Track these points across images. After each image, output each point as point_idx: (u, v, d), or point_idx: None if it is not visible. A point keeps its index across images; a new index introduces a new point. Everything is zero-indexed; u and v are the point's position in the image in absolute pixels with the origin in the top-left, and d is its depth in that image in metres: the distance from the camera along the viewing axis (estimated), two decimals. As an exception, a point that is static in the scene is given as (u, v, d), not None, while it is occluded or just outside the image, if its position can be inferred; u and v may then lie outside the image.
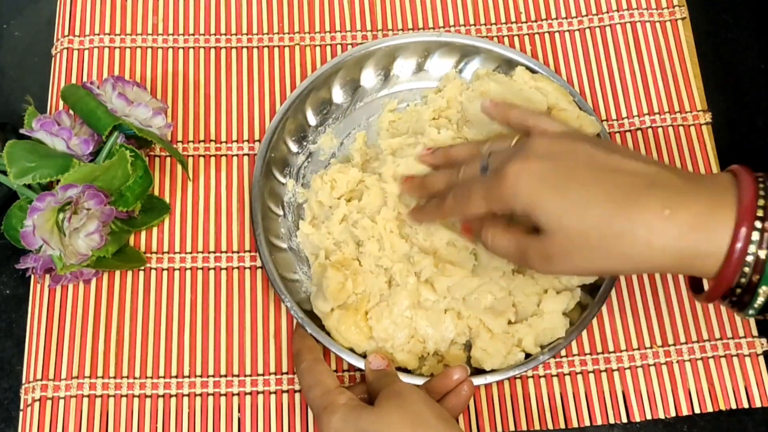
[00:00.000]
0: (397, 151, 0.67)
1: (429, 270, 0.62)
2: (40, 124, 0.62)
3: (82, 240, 0.60)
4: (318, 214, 0.67)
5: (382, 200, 0.65)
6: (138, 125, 0.63)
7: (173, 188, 0.69)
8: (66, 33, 0.74)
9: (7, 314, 0.66)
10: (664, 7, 0.76)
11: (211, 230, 0.68)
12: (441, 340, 0.62)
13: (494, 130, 0.65)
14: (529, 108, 0.63)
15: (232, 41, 0.74)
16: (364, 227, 0.63)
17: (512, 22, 0.76)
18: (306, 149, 0.71)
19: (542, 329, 0.62)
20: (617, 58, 0.74)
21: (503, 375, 0.61)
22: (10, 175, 0.59)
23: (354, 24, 0.75)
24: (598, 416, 0.63)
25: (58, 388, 0.62)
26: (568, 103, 0.67)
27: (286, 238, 0.67)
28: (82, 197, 0.59)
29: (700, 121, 0.72)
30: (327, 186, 0.66)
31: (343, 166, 0.67)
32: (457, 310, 0.62)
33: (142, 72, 0.73)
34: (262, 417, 0.62)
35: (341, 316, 0.62)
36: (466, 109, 0.68)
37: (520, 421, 0.63)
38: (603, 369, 0.64)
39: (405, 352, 0.62)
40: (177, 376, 0.63)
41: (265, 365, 0.64)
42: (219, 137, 0.71)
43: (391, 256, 0.63)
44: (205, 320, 0.65)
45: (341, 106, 0.72)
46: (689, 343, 0.65)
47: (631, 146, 0.71)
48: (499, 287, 0.63)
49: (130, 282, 0.66)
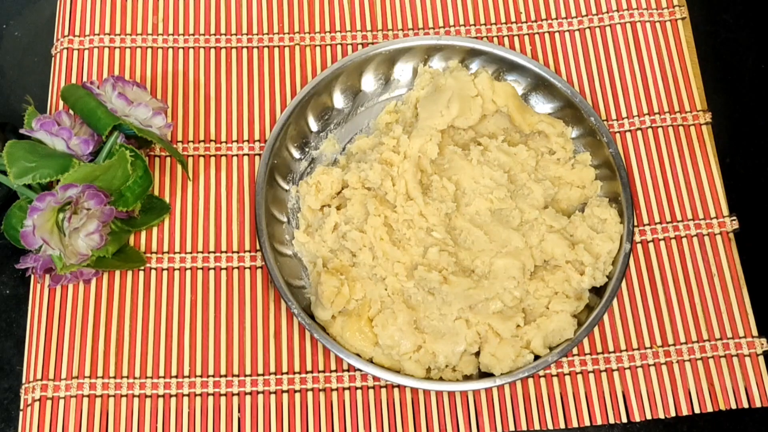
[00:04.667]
0: (360, 154, 0.68)
1: (435, 282, 0.62)
2: (40, 124, 0.62)
3: (82, 240, 0.60)
4: (312, 221, 0.67)
5: (365, 209, 0.65)
6: (138, 125, 0.63)
7: (173, 188, 0.69)
8: (66, 33, 0.74)
9: (7, 314, 0.66)
10: (664, 7, 0.76)
11: (211, 230, 0.68)
12: (452, 354, 0.62)
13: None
14: None
15: (232, 41, 0.74)
16: (353, 239, 0.64)
17: (512, 22, 0.76)
18: (308, 155, 0.71)
19: (551, 330, 0.62)
20: (617, 58, 0.74)
21: (512, 377, 0.61)
22: (10, 175, 0.59)
23: (354, 24, 0.75)
24: (598, 416, 0.63)
25: (58, 388, 0.62)
26: (517, 109, 0.69)
27: (290, 245, 0.67)
28: (82, 197, 0.59)
29: (700, 121, 0.72)
30: (312, 189, 0.66)
31: (327, 168, 0.67)
32: (465, 317, 0.62)
33: (142, 72, 0.73)
34: (262, 417, 0.62)
35: (345, 322, 0.62)
36: (420, 101, 0.69)
37: (520, 421, 0.63)
38: (603, 369, 0.64)
39: (413, 362, 0.62)
40: (177, 376, 0.63)
41: (265, 365, 0.64)
42: (219, 137, 0.71)
43: (385, 264, 0.63)
44: (205, 320, 0.65)
45: (342, 111, 0.72)
46: (689, 343, 0.65)
47: (631, 146, 0.71)
48: (512, 297, 0.63)
49: (130, 282, 0.66)
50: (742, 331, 0.65)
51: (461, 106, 0.68)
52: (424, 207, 0.64)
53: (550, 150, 0.69)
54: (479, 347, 0.62)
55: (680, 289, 0.67)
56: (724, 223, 0.69)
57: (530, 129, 0.70)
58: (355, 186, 0.66)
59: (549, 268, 0.65)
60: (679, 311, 0.66)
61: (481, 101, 0.68)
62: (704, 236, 0.68)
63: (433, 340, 0.62)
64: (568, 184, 0.68)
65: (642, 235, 0.68)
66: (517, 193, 0.67)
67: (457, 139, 0.69)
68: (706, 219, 0.69)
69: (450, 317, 0.62)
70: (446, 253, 0.64)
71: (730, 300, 0.66)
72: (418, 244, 0.64)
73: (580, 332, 0.62)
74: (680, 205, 0.69)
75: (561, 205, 0.68)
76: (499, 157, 0.67)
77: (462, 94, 0.68)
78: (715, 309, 0.66)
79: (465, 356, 0.63)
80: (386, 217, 0.64)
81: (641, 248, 0.68)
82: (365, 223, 0.64)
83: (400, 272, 0.63)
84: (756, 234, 0.69)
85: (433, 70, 0.71)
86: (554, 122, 0.70)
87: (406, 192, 0.65)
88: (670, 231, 0.68)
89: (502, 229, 0.65)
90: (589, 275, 0.64)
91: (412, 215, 0.64)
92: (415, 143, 0.66)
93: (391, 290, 0.63)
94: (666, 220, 0.69)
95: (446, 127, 0.68)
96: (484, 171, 0.66)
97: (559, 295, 0.63)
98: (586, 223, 0.66)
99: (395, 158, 0.66)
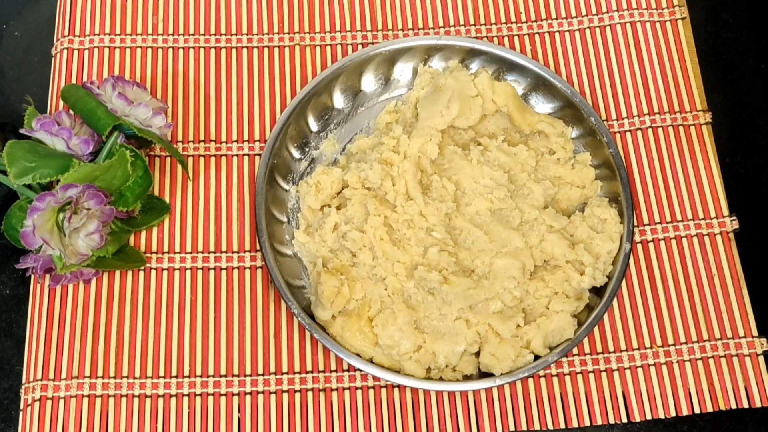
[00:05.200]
0: (360, 154, 0.68)
1: (435, 282, 0.62)
2: (40, 124, 0.62)
3: (82, 240, 0.60)
4: (312, 221, 0.67)
5: (365, 208, 0.65)
6: (138, 125, 0.63)
7: (173, 188, 0.69)
8: (66, 33, 0.74)
9: (7, 314, 0.66)
10: (664, 7, 0.76)
11: (211, 230, 0.68)
12: (452, 354, 0.62)
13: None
14: None
15: (232, 41, 0.74)
16: (353, 239, 0.64)
17: (512, 22, 0.76)
18: (308, 155, 0.71)
19: (551, 330, 0.62)
20: (617, 58, 0.74)
21: (512, 377, 0.61)
22: (10, 175, 0.59)
23: (354, 24, 0.75)
24: (598, 416, 0.63)
25: (58, 388, 0.62)
26: (517, 109, 0.69)
27: (290, 245, 0.67)
28: (82, 197, 0.59)
29: (700, 121, 0.72)
30: (312, 189, 0.66)
31: (327, 168, 0.67)
32: (465, 318, 0.62)
33: (142, 72, 0.73)
34: (262, 417, 0.62)
35: (345, 322, 0.62)
36: (420, 101, 0.69)
37: (520, 421, 0.63)
38: (603, 369, 0.64)
39: (413, 362, 0.62)
40: (177, 376, 0.63)
41: (265, 365, 0.64)
42: (219, 137, 0.71)
43: (385, 264, 0.63)
44: (205, 320, 0.65)
45: (342, 111, 0.72)
46: (689, 343, 0.65)
47: (631, 146, 0.71)
48: (512, 297, 0.63)
49: (130, 282, 0.66)
50: (742, 331, 0.65)
51: (461, 106, 0.68)
52: (424, 207, 0.64)
53: (550, 150, 0.69)
54: (479, 347, 0.62)
55: (680, 289, 0.67)
56: (724, 223, 0.69)
57: (530, 129, 0.70)
58: (355, 186, 0.66)
59: (549, 268, 0.65)
60: (679, 311, 0.66)
61: (481, 101, 0.68)
62: (704, 236, 0.68)
63: (433, 340, 0.62)
64: (568, 184, 0.68)
65: (642, 235, 0.68)
66: (517, 193, 0.67)
67: (457, 139, 0.69)
68: (706, 219, 0.69)
69: (450, 317, 0.62)
70: (446, 253, 0.64)
71: (730, 300, 0.66)
72: (418, 244, 0.64)
73: (580, 332, 0.62)
74: (680, 205, 0.69)
75: (561, 205, 0.68)
76: (499, 157, 0.67)
77: (462, 94, 0.68)
78: (715, 309, 0.66)
79: (465, 356, 0.63)
80: (386, 217, 0.64)
81: (641, 248, 0.68)
82: (365, 223, 0.64)
83: (400, 272, 0.63)
84: (756, 234, 0.69)
85: (433, 70, 0.71)
86: (554, 122, 0.70)
87: (406, 192, 0.65)
88: (670, 231, 0.68)
89: (502, 229, 0.65)
90: (589, 275, 0.64)
91: (412, 215, 0.64)
92: (415, 143, 0.66)
93: (391, 290, 0.63)
94: (666, 220, 0.69)
95: (446, 127, 0.68)
96: (484, 171, 0.66)
97: (559, 295, 0.63)
98: (586, 223, 0.66)
99: (395, 158, 0.66)
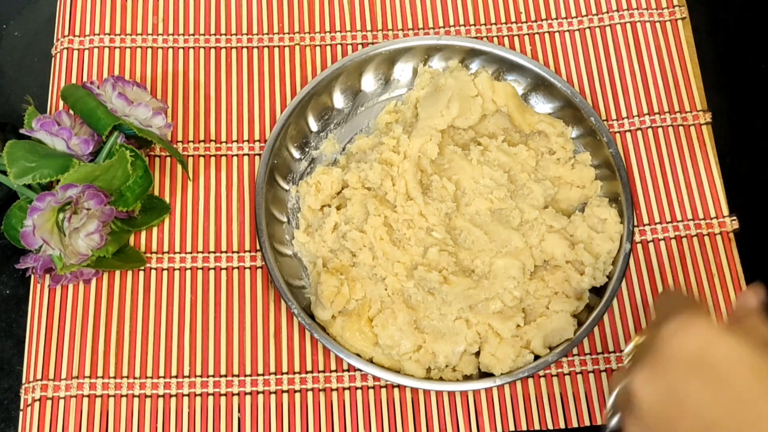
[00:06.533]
0: (360, 154, 0.68)
1: (435, 282, 0.62)
2: (40, 124, 0.62)
3: (82, 240, 0.60)
4: (312, 221, 0.67)
5: (365, 208, 0.65)
6: (138, 125, 0.63)
7: (173, 188, 0.69)
8: (66, 33, 0.74)
9: (7, 314, 0.66)
10: (664, 7, 0.76)
11: (211, 230, 0.68)
12: (452, 354, 0.62)
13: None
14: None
15: (232, 41, 0.74)
16: (353, 239, 0.64)
17: (512, 22, 0.76)
18: (308, 155, 0.71)
19: (551, 330, 0.62)
20: (617, 58, 0.74)
21: (512, 377, 0.61)
22: (10, 175, 0.59)
23: (354, 24, 0.75)
24: (598, 416, 0.63)
25: (58, 388, 0.62)
26: (517, 109, 0.69)
27: (290, 245, 0.67)
28: (82, 197, 0.59)
29: (700, 121, 0.72)
30: (312, 189, 0.66)
31: (327, 168, 0.67)
32: (465, 317, 0.62)
33: (142, 72, 0.73)
34: (262, 417, 0.62)
35: (345, 322, 0.62)
36: (420, 101, 0.69)
37: (520, 421, 0.63)
38: (603, 369, 0.64)
39: (413, 362, 0.62)
40: (177, 376, 0.63)
41: (265, 365, 0.64)
42: (219, 137, 0.71)
43: (385, 264, 0.63)
44: (205, 320, 0.65)
45: (342, 111, 0.72)
46: (689, 343, 0.65)
47: (631, 146, 0.71)
48: (512, 297, 0.63)
49: (130, 282, 0.66)
50: (742, 331, 0.65)
51: (461, 106, 0.68)
52: (424, 207, 0.64)
53: (550, 150, 0.69)
54: (479, 347, 0.62)
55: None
56: (724, 223, 0.69)
57: (530, 129, 0.70)
58: (355, 186, 0.66)
59: (549, 268, 0.65)
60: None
61: (481, 101, 0.68)
62: (704, 236, 0.68)
63: (433, 340, 0.62)
64: (568, 184, 0.68)
65: (642, 235, 0.68)
66: (517, 193, 0.67)
67: (457, 139, 0.69)
68: (706, 219, 0.69)
69: (450, 317, 0.62)
70: (446, 253, 0.64)
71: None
72: (418, 244, 0.64)
73: (580, 332, 0.62)
74: (680, 205, 0.69)
75: (561, 205, 0.68)
76: (499, 157, 0.67)
77: (462, 94, 0.68)
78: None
79: (465, 356, 0.63)
80: (386, 217, 0.64)
81: (641, 248, 0.68)
82: (365, 223, 0.64)
83: (400, 272, 0.63)
84: (756, 234, 0.69)
85: (433, 70, 0.71)
86: (554, 122, 0.70)
87: (406, 192, 0.65)
88: (670, 231, 0.68)
89: (502, 229, 0.65)
90: (589, 275, 0.64)
91: (412, 215, 0.64)
92: (415, 143, 0.66)
93: (391, 290, 0.63)
94: (666, 220, 0.69)
95: (446, 127, 0.68)
96: (484, 171, 0.66)
97: (559, 295, 0.63)
98: (586, 223, 0.66)
99: (395, 158, 0.66)
